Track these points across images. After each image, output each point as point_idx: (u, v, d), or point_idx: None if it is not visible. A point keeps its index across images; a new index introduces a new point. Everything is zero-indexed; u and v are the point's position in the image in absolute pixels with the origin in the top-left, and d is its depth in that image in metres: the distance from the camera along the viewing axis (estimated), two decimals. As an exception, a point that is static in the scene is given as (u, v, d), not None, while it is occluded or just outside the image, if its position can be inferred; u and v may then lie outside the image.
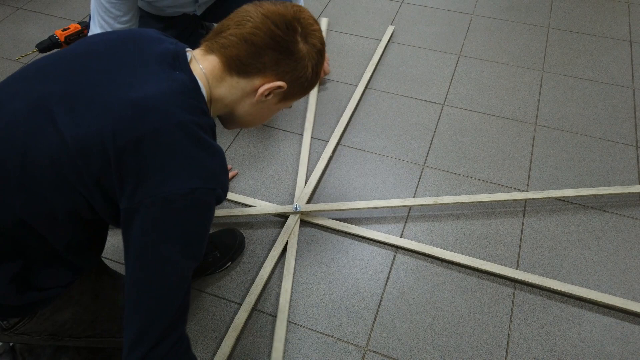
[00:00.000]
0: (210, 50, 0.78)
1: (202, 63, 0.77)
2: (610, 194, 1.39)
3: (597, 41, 1.96)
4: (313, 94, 1.74)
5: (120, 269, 0.99)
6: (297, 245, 1.30)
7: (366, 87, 1.76)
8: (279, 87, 0.78)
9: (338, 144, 1.57)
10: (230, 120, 0.85)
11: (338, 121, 1.62)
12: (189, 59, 0.77)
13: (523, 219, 1.37)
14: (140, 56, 0.74)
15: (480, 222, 1.36)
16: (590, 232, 1.33)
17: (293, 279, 1.23)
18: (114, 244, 1.27)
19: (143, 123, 0.66)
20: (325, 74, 1.79)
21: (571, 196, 1.39)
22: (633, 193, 1.40)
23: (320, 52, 0.80)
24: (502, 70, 1.84)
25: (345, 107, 1.66)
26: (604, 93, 1.74)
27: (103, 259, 0.96)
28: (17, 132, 0.68)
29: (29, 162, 0.67)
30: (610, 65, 1.85)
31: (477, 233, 1.33)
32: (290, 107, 0.92)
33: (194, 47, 0.81)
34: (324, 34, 1.86)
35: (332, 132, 1.58)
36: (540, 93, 1.75)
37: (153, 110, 0.67)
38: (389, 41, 1.95)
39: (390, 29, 1.98)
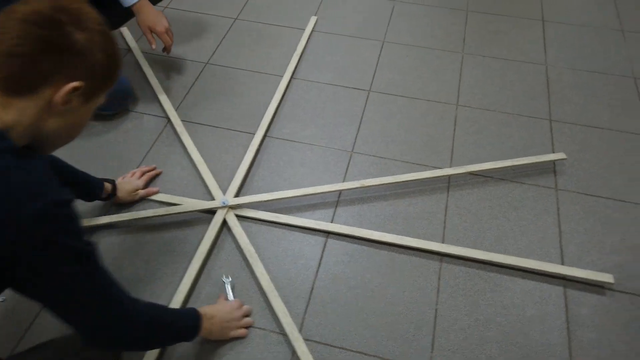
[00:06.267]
0: None
1: None
2: (525, 165, 1.46)
3: (513, 21, 2.05)
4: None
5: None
6: (227, 240, 1.29)
7: (292, 78, 1.75)
8: (75, 88, 0.70)
9: (265, 135, 1.56)
10: (44, 145, 0.76)
11: (264, 113, 1.60)
12: None
13: (447, 196, 1.41)
14: None
15: (407, 202, 1.39)
16: (509, 204, 1.39)
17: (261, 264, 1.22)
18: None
19: None
20: (168, 48, 1.61)
21: (490, 169, 1.44)
22: (546, 162, 1.48)
23: (103, 33, 0.72)
24: (425, 55, 1.88)
25: (272, 98, 1.65)
26: (520, 71, 1.82)
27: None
28: None
29: None
30: (525, 44, 1.93)
31: (405, 213, 1.36)
32: (104, 101, 0.80)
33: None
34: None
35: (259, 124, 1.57)
36: (461, 75, 1.80)
37: None
38: (312, 30, 1.95)
39: (313, 20, 1.98)
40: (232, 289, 1.18)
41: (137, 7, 1.50)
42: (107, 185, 1.27)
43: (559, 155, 1.47)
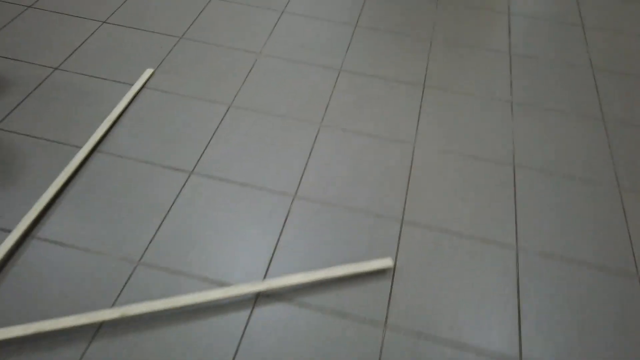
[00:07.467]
0: None
1: None
2: (346, 276, 1.15)
3: (388, 86, 1.77)
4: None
5: None
6: None
7: (94, 150, 1.41)
8: None
9: (27, 235, 1.20)
10: None
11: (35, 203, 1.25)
12: None
13: (249, 318, 1.08)
14: None
15: (196, 325, 1.05)
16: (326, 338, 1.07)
17: None
18: None
19: None
20: None
21: (303, 283, 1.13)
22: (372, 272, 1.17)
23: None
24: (276, 125, 1.57)
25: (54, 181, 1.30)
26: (383, 149, 1.53)
27: None
28: None
29: None
30: (398, 111, 1.66)
31: (182, 346, 1.03)
32: None
33: None
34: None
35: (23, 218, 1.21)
36: (310, 153, 1.50)
37: None
38: (143, 87, 1.62)
39: (147, 73, 1.65)
40: None
41: None
42: None
43: (385, 263, 1.17)
